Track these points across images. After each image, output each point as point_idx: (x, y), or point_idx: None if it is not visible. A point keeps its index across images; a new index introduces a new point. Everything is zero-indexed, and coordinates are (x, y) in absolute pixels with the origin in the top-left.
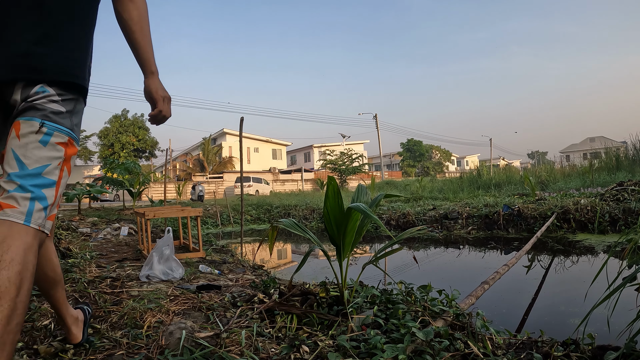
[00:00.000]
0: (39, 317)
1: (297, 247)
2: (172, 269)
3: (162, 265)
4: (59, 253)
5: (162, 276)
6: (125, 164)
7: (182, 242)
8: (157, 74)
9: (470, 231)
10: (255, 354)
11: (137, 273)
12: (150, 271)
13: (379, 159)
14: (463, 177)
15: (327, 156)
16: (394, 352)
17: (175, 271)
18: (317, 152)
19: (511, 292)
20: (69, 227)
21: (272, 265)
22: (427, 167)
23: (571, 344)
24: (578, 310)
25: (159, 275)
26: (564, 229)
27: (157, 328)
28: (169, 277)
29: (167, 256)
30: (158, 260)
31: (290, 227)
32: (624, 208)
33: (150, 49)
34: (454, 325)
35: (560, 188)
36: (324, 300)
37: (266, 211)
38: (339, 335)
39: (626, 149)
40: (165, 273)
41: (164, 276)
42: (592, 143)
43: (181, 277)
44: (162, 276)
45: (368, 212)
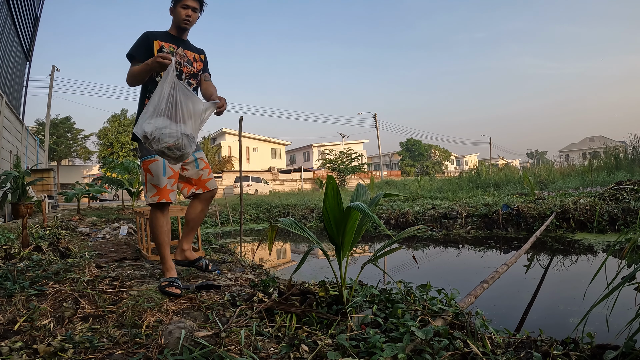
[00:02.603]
0: (38, 316)
1: (296, 247)
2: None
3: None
4: (58, 253)
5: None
6: (124, 163)
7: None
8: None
9: (469, 230)
10: (254, 353)
11: (136, 273)
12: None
13: (378, 158)
14: (462, 176)
15: (327, 156)
16: (394, 351)
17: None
18: (317, 152)
19: (510, 292)
20: (68, 227)
21: (271, 265)
22: (426, 167)
23: (570, 343)
24: (577, 310)
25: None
26: (563, 229)
27: (157, 327)
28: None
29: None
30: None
31: (290, 227)
32: (623, 207)
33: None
34: (453, 325)
35: (559, 187)
36: (323, 299)
37: (265, 211)
38: (339, 334)
39: (625, 149)
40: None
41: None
42: (591, 142)
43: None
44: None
45: (367, 211)
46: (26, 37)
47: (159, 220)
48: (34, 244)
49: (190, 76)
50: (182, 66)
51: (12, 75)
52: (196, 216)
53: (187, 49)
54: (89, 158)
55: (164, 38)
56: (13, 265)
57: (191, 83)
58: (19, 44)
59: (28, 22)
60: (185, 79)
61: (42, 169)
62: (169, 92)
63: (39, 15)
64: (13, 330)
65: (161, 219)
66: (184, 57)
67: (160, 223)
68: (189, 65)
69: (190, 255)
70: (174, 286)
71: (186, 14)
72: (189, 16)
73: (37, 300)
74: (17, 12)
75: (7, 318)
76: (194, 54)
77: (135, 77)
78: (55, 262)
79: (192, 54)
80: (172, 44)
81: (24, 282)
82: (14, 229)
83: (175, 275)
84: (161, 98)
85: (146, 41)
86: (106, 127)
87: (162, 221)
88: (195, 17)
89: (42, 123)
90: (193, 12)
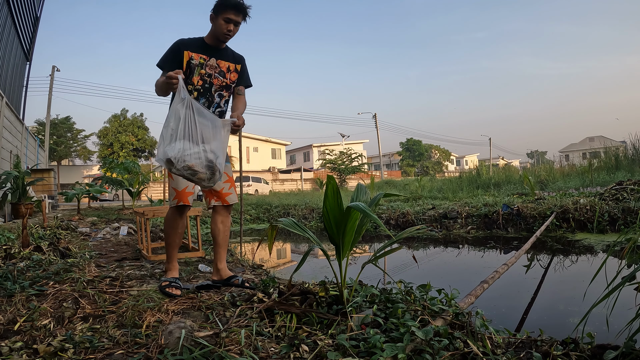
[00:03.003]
0: (38, 316)
1: (296, 247)
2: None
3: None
4: (58, 253)
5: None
6: (124, 163)
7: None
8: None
9: (469, 230)
10: (254, 353)
11: (136, 273)
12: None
13: (378, 158)
14: (462, 176)
15: (327, 156)
16: (394, 351)
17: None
18: (317, 152)
19: (511, 292)
20: (69, 227)
21: (271, 265)
22: (426, 167)
23: (570, 343)
24: (577, 310)
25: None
26: (563, 229)
27: (157, 327)
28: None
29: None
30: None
31: (290, 227)
32: (623, 207)
33: (243, 111)
34: (453, 325)
35: (559, 187)
36: (323, 299)
37: (265, 211)
38: (339, 334)
39: (625, 149)
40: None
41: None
42: (591, 143)
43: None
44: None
45: (367, 211)
46: (26, 37)
47: (175, 221)
48: (34, 244)
49: (222, 88)
50: (212, 78)
51: (12, 75)
52: (217, 228)
53: (222, 58)
54: (89, 158)
55: (196, 47)
56: (13, 265)
57: (223, 95)
58: (19, 44)
59: (28, 22)
60: (216, 91)
61: (42, 169)
62: (184, 113)
63: (39, 15)
64: (13, 330)
65: (177, 221)
66: (215, 68)
67: (175, 224)
68: (220, 77)
69: (225, 273)
70: (174, 287)
71: (227, 29)
72: (230, 31)
73: (37, 300)
74: (17, 12)
75: (7, 318)
76: (228, 64)
77: (161, 88)
78: (55, 262)
79: (226, 65)
80: (203, 55)
81: (24, 282)
82: (14, 229)
83: (177, 276)
84: (177, 120)
85: (176, 51)
86: (106, 127)
87: (177, 223)
88: (236, 31)
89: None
90: (235, 26)
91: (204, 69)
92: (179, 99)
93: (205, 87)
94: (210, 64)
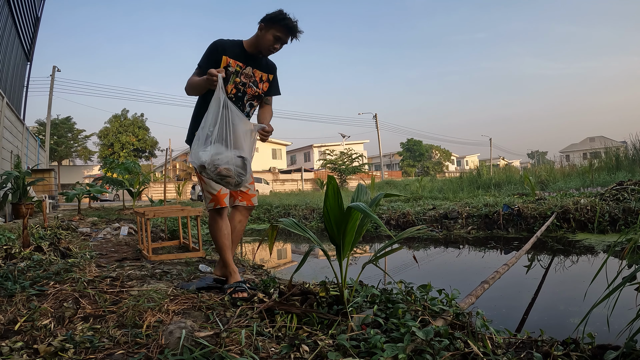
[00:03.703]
0: (38, 316)
1: (297, 247)
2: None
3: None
4: (59, 253)
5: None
6: (125, 163)
7: (182, 241)
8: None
9: (470, 231)
10: (255, 353)
11: (137, 273)
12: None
13: (378, 158)
14: (463, 176)
15: (327, 156)
16: (394, 352)
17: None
18: (317, 152)
19: (511, 292)
20: (69, 227)
21: (271, 265)
22: (427, 167)
23: (571, 343)
24: (578, 310)
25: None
26: (564, 229)
27: (157, 327)
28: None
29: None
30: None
31: (290, 227)
32: (623, 208)
33: (270, 120)
34: (453, 325)
35: (560, 188)
36: (323, 299)
37: (266, 211)
38: (339, 334)
39: (626, 149)
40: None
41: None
42: (592, 143)
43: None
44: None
45: (368, 211)
46: (27, 38)
47: (217, 224)
48: (35, 244)
49: (253, 98)
50: (246, 87)
51: (12, 75)
52: (234, 227)
53: (258, 67)
54: (89, 158)
55: (234, 54)
56: (14, 265)
57: (253, 105)
58: (19, 45)
59: (29, 23)
60: (248, 100)
61: (42, 169)
62: (221, 115)
63: (40, 16)
64: (14, 330)
65: (219, 223)
66: (250, 77)
67: (218, 227)
68: (254, 87)
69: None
70: (239, 291)
71: (274, 46)
72: (275, 48)
73: (37, 300)
74: (18, 12)
75: (8, 318)
76: (261, 74)
77: (194, 87)
78: (55, 262)
79: (260, 74)
80: (240, 62)
81: (24, 282)
82: (15, 229)
83: (239, 279)
84: (213, 122)
85: (215, 54)
86: (107, 128)
87: (220, 225)
88: (280, 49)
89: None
90: (281, 45)
91: (239, 77)
92: (217, 100)
93: (238, 95)
94: (246, 72)
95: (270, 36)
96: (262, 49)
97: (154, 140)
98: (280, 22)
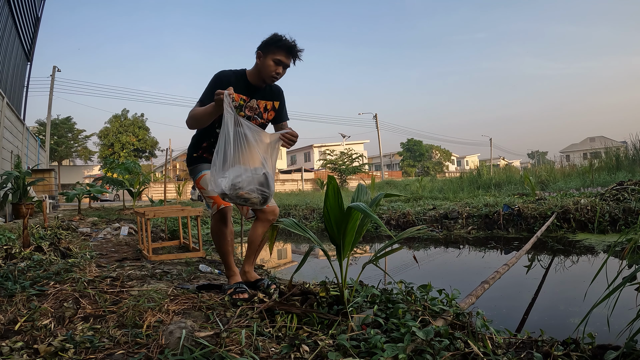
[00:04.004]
0: (39, 316)
1: (297, 247)
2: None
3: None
4: (59, 253)
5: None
6: (125, 163)
7: (182, 241)
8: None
9: (470, 231)
10: (255, 353)
11: (137, 273)
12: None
13: (379, 158)
14: (463, 176)
15: (327, 156)
16: (394, 352)
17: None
18: (317, 152)
19: (511, 292)
20: (69, 227)
21: (272, 265)
22: (427, 167)
23: (571, 343)
24: (578, 310)
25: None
26: (564, 229)
27: (157, 327)
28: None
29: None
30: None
31: (290, 227)
32: (624, 208)
33: None
34: (454, 325)
35: (560, 188)
36: (324, 299)
37: None
38: (339, 334)
39: (626, 149)
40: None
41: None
42: (592, 143)
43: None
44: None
45: (368, 211)
46: (27, 38)
47: (220, 229)
48: (35, 244)
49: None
50: (250, 120)
51: (13, 75)
52: (256, 238)
53: (262, 97)
54: (89, 158)
55: (238, 87)
56: (14, 265)
57: None
58: (20, 45)
59: (29, 23)
60: None
61: (43, 169)
62: (234, 134)
63: (40, 16)
64: (14, 330)
65: (223, 230)
66: (255, 109)
67: (223, 234)
68: (258, 118)
69: (251, 276)
70: (239, 292)
71: (276, 71)
72: (278, 73)
73: (37, 300)
74: (18, 12)
75: (8, 318)
76: (266, 103)
77: (199, 119)
78: (56, 262)
79: (264, 103)
80: (244, 95)
81: (24, 282)
82: (15, 229)
83: (240, 280)
84: (227, 143)
85: (219, 86)
86: (107, 128)
87: (223, 230)
88: (283, 74)
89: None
90: (284, 69)
91: (244, 111)
92: (228, 119)
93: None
94: (250, 105)
95: (270, 62)
96: (265, 77)
97: (154, 140)
98: (276, 44)
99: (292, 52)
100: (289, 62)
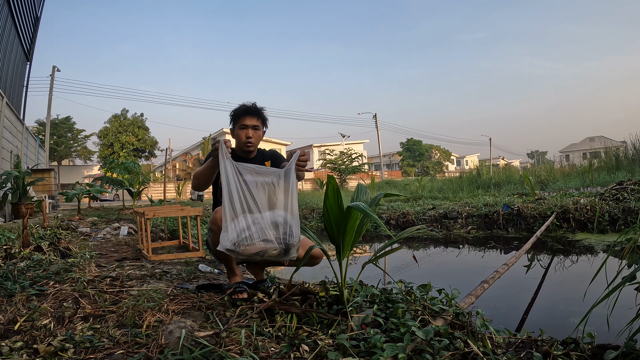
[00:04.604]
0: (38, 316)
1: None
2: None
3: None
4: (59, 252)
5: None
6: (124, 163)
7: (182, 241)
8: None
9: (469, 230)
10: (255, 353)
11: (137, 272)
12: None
13: (378, 158)
14: (463, 176)
15: (327, 156)
16: (394, 351)
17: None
18: (317, 152)
19: (511, 292)
20: (69, 227)
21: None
22: (426, 167)
23: (571, 343)
24: (578, 310)
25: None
26: (564, 229)
27: (157, 327)
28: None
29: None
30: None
31: None
32: (623, 207)
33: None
34: (453, 325)
35: (559, 187)
36: (323, 299)
37: None
38: (339, 334)
39: (626, 149)
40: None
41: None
42: (591, 143)
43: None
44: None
45: (368, 211)
46: (26, 37)
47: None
48: (35, 243)
49: None
50: None
51: (12, 75)
52: None
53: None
54: (89, 158)
55: None
56: (14, 265)
57: None
58: (19, 44)
59: (28, 22)
60: None
61: (42, 169)
62: (234, 182)
63: (40, 15)
64: (13, 330)
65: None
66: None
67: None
68: None
69: (259, 276)
70: (239, 292)
71: (246, 135)
72: (249, 137)
73: (37, 300)
74: (18, 12)
75: (8, 318)
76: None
77: (199, 176)
78: (55, 262)
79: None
80: None
81: (24, 281)
82: (15, 229)
83: (240, 280)
84: (228, 194)
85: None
86: (107, 127)
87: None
88: (258, 135)
89: (43, 123)
90: (254, 130)
91: None
92: (225, 168)
93: None
94: None
95: (238, 131)
96: (242, 145)
97: (154, 140)
98: (236, 112)
99: (250, 112)
100: (255, 122)
